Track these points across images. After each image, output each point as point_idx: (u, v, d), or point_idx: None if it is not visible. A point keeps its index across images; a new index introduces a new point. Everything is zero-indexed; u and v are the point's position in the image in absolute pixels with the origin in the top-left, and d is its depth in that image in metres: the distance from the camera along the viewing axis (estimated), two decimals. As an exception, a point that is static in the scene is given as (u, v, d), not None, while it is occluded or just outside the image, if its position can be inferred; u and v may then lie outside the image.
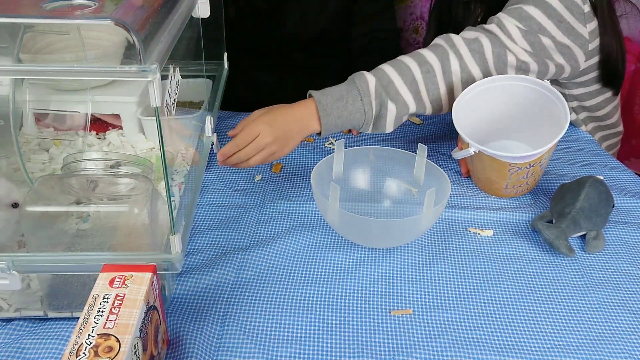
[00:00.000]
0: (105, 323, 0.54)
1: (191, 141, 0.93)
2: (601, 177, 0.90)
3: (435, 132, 1.15)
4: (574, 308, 0.74)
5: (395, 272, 0.79)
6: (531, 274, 0.79)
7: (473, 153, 0.87)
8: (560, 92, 1.04)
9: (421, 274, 0.79)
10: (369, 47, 1.33)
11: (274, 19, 1.30)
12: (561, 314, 0.73)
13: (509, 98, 0.94)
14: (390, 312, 0.73)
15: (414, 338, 0.69)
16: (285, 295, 0.75)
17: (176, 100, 0.69)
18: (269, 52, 1.34)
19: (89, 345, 0.52)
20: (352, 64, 1.34)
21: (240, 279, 0.77)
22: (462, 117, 0.89)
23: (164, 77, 0.56)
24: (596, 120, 1.17)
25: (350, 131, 1.13)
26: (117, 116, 0.91)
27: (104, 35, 0.84)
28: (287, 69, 1.36)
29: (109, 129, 0.93)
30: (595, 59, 1.01)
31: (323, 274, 0.78)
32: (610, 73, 1.05)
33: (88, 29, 0.80)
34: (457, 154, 0.93)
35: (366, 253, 0.82)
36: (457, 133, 1.11)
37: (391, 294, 0.75)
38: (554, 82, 1.07)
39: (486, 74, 0.91)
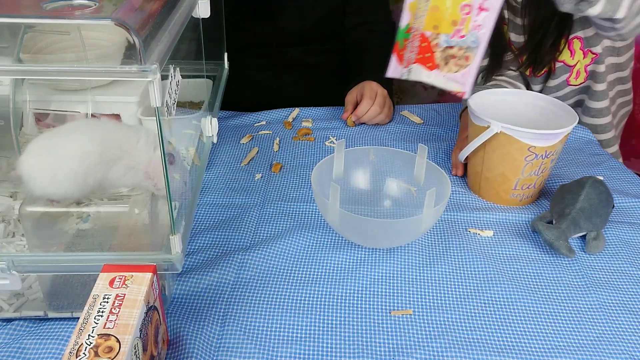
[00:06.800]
0: (106, 323, 0.54)
1: (191, 141, 0.93)
2: (601, 178, 0.90)
3: (435, 132, 1.15)
4: (574, 309, 0.74)
5: (395, 272, 0.79)
6: (531, 274, 0.79)
7: (497, 131, 0.86)
8: None
9: (421, 274, 0.79)
10: (364, 41, 1.32)
11: (268, 14, 1.29)
12: (561, 314, 0.73)
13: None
14: (390, 313, 0.73)
15: (414, 338, 0.69)
16: (285, 295, 0.75)
17: (176, 100, 0.69)
18: (265, 49, 1.34)
19: (89, 345, 0.52)
20: (348, 61, 1.33)
21: (240, 279, 0.77)
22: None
23: (164, 77, 0.56)
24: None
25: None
26: (118, 116, 0.91)
27: (104, 35, 0.84)
28: (284, 67, 1.36)
29: (109, 129, 0.93)
30: None
31: (323, 274, 0.78)
32: None
33: (88, 29, 0.79)
34: (473, 144, 0.91)
35: (366, 253, 0.82)
36: (457, 133, 1.11)
37: (391, 294, 0.75)
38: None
39: None
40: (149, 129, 0.70)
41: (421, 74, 0.80)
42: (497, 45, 1.12)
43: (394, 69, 0.83)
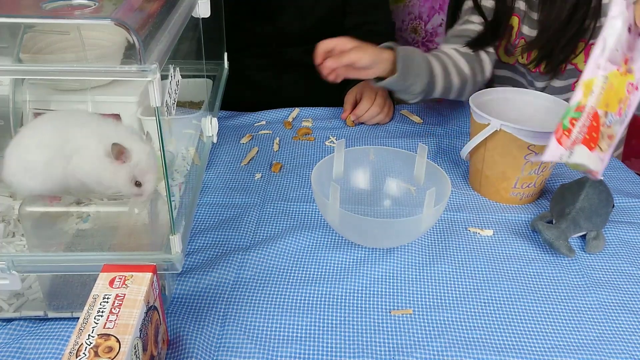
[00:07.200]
0: (106, 323, 0.54)
1: (191, 141, 0.93)
2: (601, 177, 0.90)
3: (435, 132, 1.15)
4: (574, 308, 0.74)
5: (395, 272, 0.79)
6: (531, 274, 0.79)
7: (496, 129, 0.87)
8: None
9: (421, 274, 0.79)
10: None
11: (268, 14, 1.29)
12: (561, 314, 0.73)
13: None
14: (390, 312, 0.73)
15: (414, 338, 0.69)
16: (285, 295, 0.75)
17: (176, 100, 0.69)
18: (265, 49, 1.34)
19: (89, 345, 0.52)
20: None
21: (240, 279, 0.77)
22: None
23: (164, 77, 0.56)
24: None
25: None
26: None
27: (104, 35, 0.84)
28: (284, 67, 1.35)
29: (109, 129, 0.93)
30: None
31: (323, 274, 0.78)
32: None
33: (88, 29, 0.80)
34: (473, 141, 0.91)
35: (366, 253, 0.82)
36: (456, 133, 1.11)
37: (391, 293, 0.75)
38: None
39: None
40: (108, 118, 0.70)
41: (583, 156, 0.73)
42: (496, 28, 1.12)
43: (553, 152, 0.72)
